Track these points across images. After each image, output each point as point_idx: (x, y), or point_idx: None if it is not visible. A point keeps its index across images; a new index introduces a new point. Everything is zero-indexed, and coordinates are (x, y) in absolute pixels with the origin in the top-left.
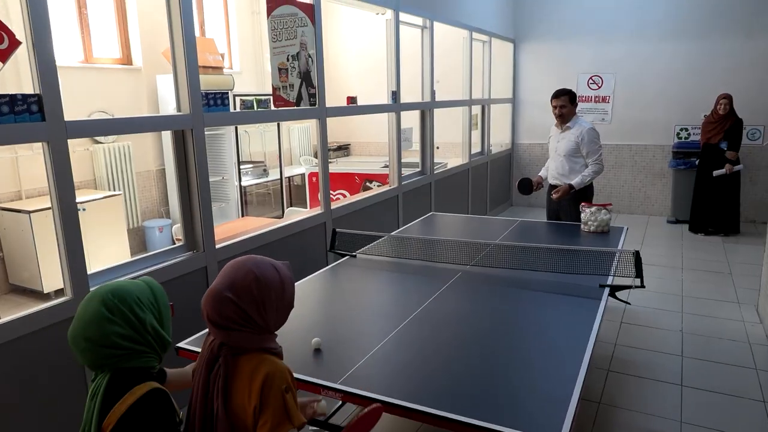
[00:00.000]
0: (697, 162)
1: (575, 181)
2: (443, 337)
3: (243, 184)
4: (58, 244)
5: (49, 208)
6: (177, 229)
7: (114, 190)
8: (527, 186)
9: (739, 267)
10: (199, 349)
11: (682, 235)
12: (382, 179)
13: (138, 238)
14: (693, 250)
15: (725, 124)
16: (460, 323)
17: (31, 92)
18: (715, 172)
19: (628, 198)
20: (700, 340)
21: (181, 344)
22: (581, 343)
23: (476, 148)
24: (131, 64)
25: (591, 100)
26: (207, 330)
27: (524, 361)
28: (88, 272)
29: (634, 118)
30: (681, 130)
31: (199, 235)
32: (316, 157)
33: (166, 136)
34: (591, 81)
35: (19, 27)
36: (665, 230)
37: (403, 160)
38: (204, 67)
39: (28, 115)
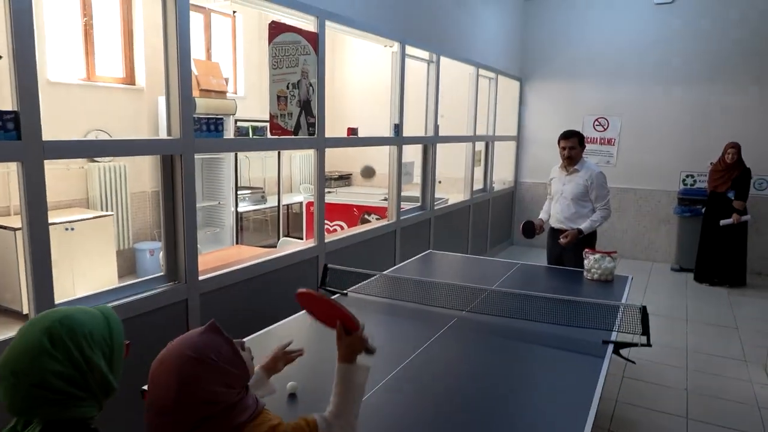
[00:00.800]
0: (703, 210)
1: (584, 226)
2: (434, 392)
3: (239, 209)
4: (26, 272)
5: None
6: None
7: (107, 210)
8: (531, 229)
9: (746, 322)
10: None
11: (686, 284)
12: (381, 212)
13: (129, 261)
14: (698, 301)
15: (733, 173)
16: (452, 377)
17: (9, 109)
18: (722, 222)
19: (631, 243)
20: (706, 401)
21: None
22: (584, 406)
23: (478, 185)
24: (134, 84)
25: (596, 141)
26: None
27: (522, 423)
28: (56, 301)
29: (639, 162)
30: (687, 176)
31: (181, 266)
32: None
33: None
34: (597, 123)
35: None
36: (669, 278)
37: (403, 194)
38: (207, 90)
39: (3, 133)
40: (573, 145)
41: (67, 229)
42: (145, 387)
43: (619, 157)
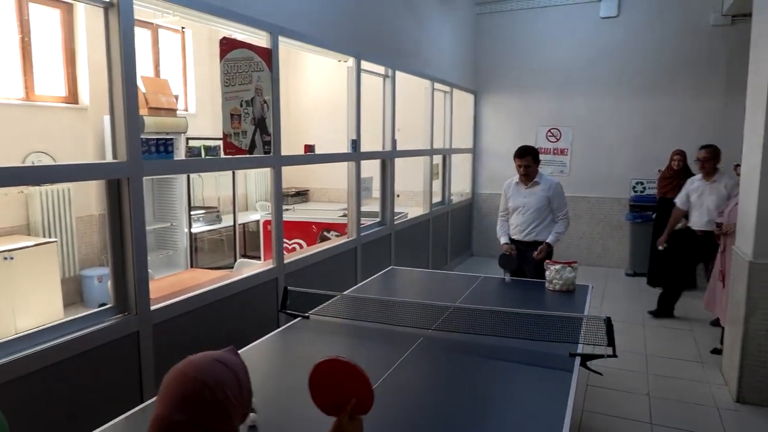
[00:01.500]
0: (653, 216)
1: (550, 239)
2: (404, 418)
3: (193, 230)
4: None
5: None
6: None
7: (50, 236)
8: (510, 260)
9: (699, 324)
10: None
11: (640, 288)
12: (340, 229)
13: (75, 289)
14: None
15: (680, 179)
16: (423, 400)
17: None
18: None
19: (586, 250)
20: (668, 404)
21: None
22: (556, 423)
23: (437, 198)
24: (77, 102)
25: (549, 152)
26: (129, 414)
27: None
28: None
29: (591, 171)
30: (637, 183)
31: (131, 297)
32: None
33: None
34: (549, 133)
35: None
36: (624, 283)
37: (362, 209)
38: (156, 108)
39: None
40: (528, 163)
41: (6, 258)
42: None
43: (572, 167)
